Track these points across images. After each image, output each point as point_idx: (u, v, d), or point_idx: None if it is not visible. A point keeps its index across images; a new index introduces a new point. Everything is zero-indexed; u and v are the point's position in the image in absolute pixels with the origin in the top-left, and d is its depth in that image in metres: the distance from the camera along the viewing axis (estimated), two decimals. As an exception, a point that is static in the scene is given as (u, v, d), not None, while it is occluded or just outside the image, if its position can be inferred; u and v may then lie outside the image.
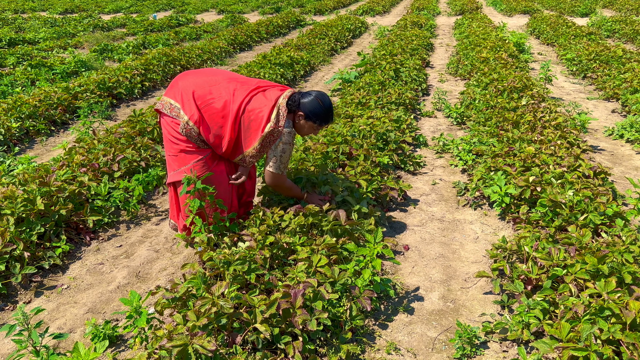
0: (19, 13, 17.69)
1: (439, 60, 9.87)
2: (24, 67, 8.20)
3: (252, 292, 2.53)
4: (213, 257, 2.65)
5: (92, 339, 2.45)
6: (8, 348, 2.55)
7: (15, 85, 7.21)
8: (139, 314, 2.31)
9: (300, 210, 3.14)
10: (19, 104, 5.77)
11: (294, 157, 4.05)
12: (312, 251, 2.83)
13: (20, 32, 12.77)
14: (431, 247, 3.45)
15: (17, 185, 3.67)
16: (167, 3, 20.16)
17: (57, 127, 5.91)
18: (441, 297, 2.92)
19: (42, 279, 3.12)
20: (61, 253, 3.29)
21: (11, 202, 3.31)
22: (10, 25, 13.92)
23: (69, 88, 6.57)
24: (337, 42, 11.33)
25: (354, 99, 5.99)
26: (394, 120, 5.19)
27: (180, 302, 2.47)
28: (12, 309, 2.87)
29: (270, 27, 13.14)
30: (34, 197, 3.38)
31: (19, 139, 5.39)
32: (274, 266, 2.89)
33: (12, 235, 3.10)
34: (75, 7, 18.61)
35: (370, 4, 18.98)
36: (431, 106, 6.74)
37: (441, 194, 4.24)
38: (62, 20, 14.74)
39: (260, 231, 2.92)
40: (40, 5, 19.36)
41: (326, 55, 10.19)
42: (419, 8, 17.34)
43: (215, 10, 18.76)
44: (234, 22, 14.55)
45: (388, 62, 7.67)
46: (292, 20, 14.82)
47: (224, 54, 10.11)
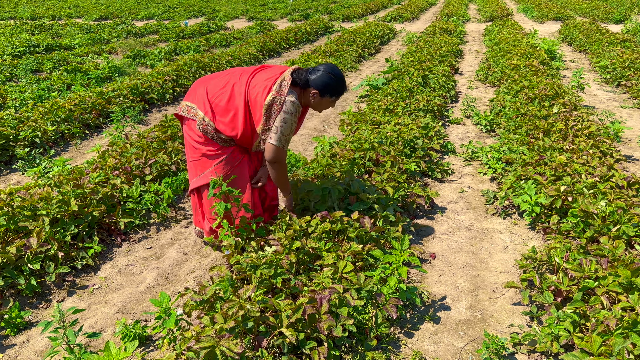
0: (56, 20, 18.27)
1: (468, 67, 9.78)
2: (60, 72, 8.47)
3: (278, 296, 2.54)
4: (240, 260, 2.68)
5: (122, 339, 2.51)
6: (42, 345, 2.63)
7: (51, 89, 7.45)
8: (168, 315, 2.36)
9: (327, 217, 3.15)
10: (55, 108, 5.95)
11: (321, 163, 4.07)
12: (338, 257, 2.84)
13: (57, 38, 13.19)
14: (459, 256, 3.41)
15: (53, 186, 3.79)
16: (198, 10, 20.53)
17: (91, 131, 6.07)
18: (468, 307, 2.88)
19: (75, 278, 3.21)
20: (93, 254, 3.38)
21: (47, 203, 3.41)
22: (48, 31, 14.38)
23: (103, 93, 6.75)
24: (365, 49, 11.35)
25: (381, 106, 5.98)
26: (422, 127, 5.17)
27: (208, 304, 2.50)
28: (46, 307, 2.95)
29: (299, 34, 13.24)
30: (69, 199, 3.48)
31: (55, 142, 5.56)
32: (300, 271, 2.90)
33: (47, 235, 3.20)
34: (110, 13, 19.12)
35: (398, 11, 18.95)
36: (460, 113, 6.69)
37: (469, 202, 4.20)
38: (96, 27, 15.16)
39: (286, 236, 2.95)
40: (76, 12, 19.95)
41: (354, 61, 10.21)
42: (448, 14, 17.23)
43: (245, 17, 19.01)
44: (263, 29, 14.72)
45: (416, 68, 7.64)
46: (320, 27, 14.90)
47: (253, 61, 10.23)
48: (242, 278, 2.77)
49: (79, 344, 2.25)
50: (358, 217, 3.18)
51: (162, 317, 2.37)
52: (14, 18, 18.64)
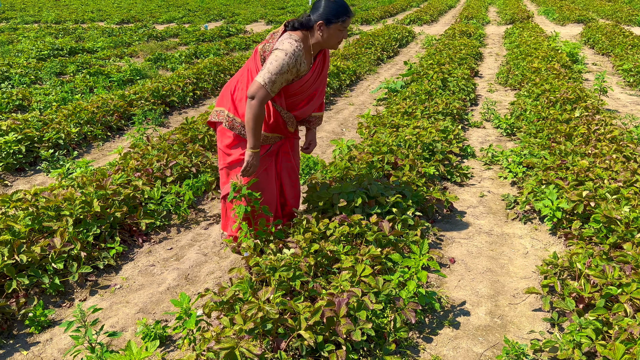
0: (79, 23, 18.61)
1: (488, 69, 9.70)
2: (83, 74, 8.62)
3: (296, 298, 2.56)
4: (259, 262, 2.70)
5: (143, 338, 2.55)
6: (65, 343, 2.68)
7: (75, 92, 7.59)
8: (188, 315, 2.39)
9: (345, 220, 3.16)
10: (78, 110, 6.07)
11: (339, 166, 4.08)
12: (356, 260, 2.84)
13: (80, 42, 13.43)
14: (478, 261, 3.39)
15: (76, 187, 3.86)
16: (217, 14, 20.73)
17: (113, 133, 6.17)
18: (488, 313, 2.86)
19: (97, 278, 3.26)
20: (115, 254, 3.43)
21: (70, 203, 3.48)
22: (71, 34, 14.66)
23: (125, 95, 6.85)
24: (384, 52, 11.33)
25: (399, 109, 5.97)
26: (441, 131, 5.14)
27: (228, 305, 2.53)
28: (69, 306, 3.01)
29: (317, 37, 13.26)
30: (91, 200, 3.54)
31: (78, 144, 5.67)
32: (318, 274, 2.91)
33: (71, 235, 3.26)
34: (131, 17, 19.41)
35: (417, 13, 18.88)
36: (480, 116, 6.63)
37: (489, 207, 4.16)
38: (118, 30, 15.40)
39: (305, 239, 2.96)
40: (98, 16, 20.29)
41: (372, 64, 10.20)
42: (467, 17, 17.12)
43: (264, 20, 19.13)
44: (282, 32, 14.76)
45: (435, 71, 7.60)
46: (339, 29, 14.90)
47: (272, 63, 10.27)
48: (261, 280, 2.79)
49: (100, 343, 2.29)
50: (376, 221, 3.18)
51: (183, 317, 2.40)
52: (38, 22, 19.04)
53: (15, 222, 3.23)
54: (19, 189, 4.32)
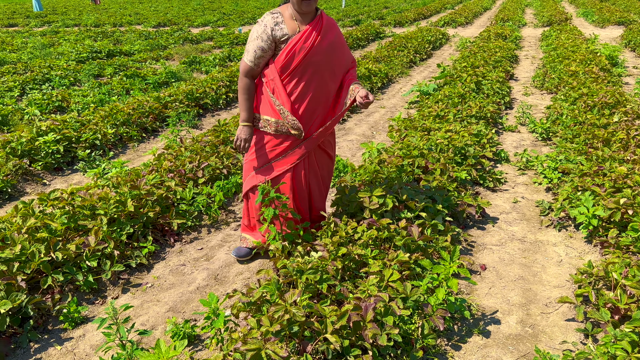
0: (117, 26, 19.12)
1: (523, 72, 9.50)
2: (120, 77, 8.85)
3: (323, 302, 2.55)
4: (287, 264, 2.71)
5: (172, 337, 2.59)
6: (97, 340, 2.74)
7: (112, 94, 7.80)
8: (217, 315, 2.41)
9: (374, 224, 3.14)
10: (115, 111, 6.23)
11: (368, 170, 4.06)
12: (384, 265, 2.82)
13: (118, 45, 13.79)
14: (510, 269, 3.31)
15: (111, 187, 3.96)
16: (251, 17, 20.97)
17: (148, 134, 6.31)
18: (519, 321, 2.79)
19: (129, 276, 3.33)
20: (147, 253, 3.51)
21: (105, 203, 3.57)
22: (110, 38, 15.07)
23: (160, 98, 7.00)
24: (416, 54, 11.23)
25: (431, 112, 5.90)
26: (474, 135, 5.06)
27: (255, 306, 2.54)
28: (102, 304, 3.09)
29: (349, 40, 13.26)
30: (125, 200, 3.63)
31: (114, 144, 5.82)
32: (345, 278, 2.90)
33: (105, 234, 3.34)
34: (167, 20, 19.82)
35: (452, 15, 18.65)
36: (514, 120, 6.50)
37: (523, 213, 4.07)
38: (155, 33, 15.75)
39: (332, 242, 2.95)
40: (136, 19, 20.80)
41: (404, 67, 10.12)
42: (503, 19, 16.80)
43: (297, 23, 19.21)
44: (314, 35, 14.82)
45: (469, 74, 7.49)
46: (371, 32, 14.88)
47: (304, 66, 10.32)
48: (288, 282, 2.80)
49: (131, 341, 2.34)
50: (406, 225, 3.15)
51: (211, 317, 2.43)
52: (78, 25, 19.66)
53: (52, 220, 3.34)
54: (56, 188, 4.46)
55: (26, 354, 2.65)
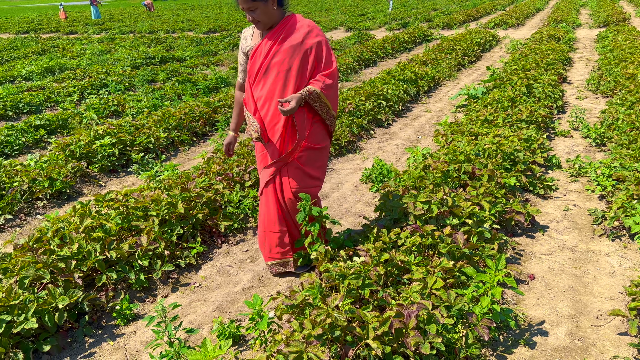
0: (170, 33, 19.78)
1: (577, 75, 9.15)
2: (172, 82, 9.15)
3: (365, 307, 2.56)
4: (329, 269, 2.74)
5: (218, 336, 2.67)
6: (147, 336, 2.86)
7: (164, 98, 8.08)
8: (261, 317, 2.46)
9: (417, 230, 3.12)
10: (167, 116, 6.45)
11: (412, 175, 4.03)
12: (428, 272, 2.80)
13: (171, 51, 14.26)
14: (560, 279, 3.21)
15: (163, 190, 4.11)
16: (298, 21, 21.18)
17: (198, 138, 6.50)
18: (568, 334, 2.70)
19: (179, 276, 3.45)
20: (196, 253, 3.62)
21: (157, 204, 3.71)
22: (163, 44, 15.61)
23: (210, 103, 7.20)
24: (465, 57, 11.04)
25: (479, 116, 5.79)
26: (524, 140, 4.93)
27: (298, 309, 2.58)
28: (152, 302, 3.21)
29: (396, 43, 13.19)
30: (176, 201, 3.76)
31: (166, 148, 6.03)
32: (388, 283, 2.89)
33: (156, 234, 3.48)
34: (218, 26, 20.33)
35: (502, 17, 18.20)
36: (567, 125, 6.28)
37: (574, 222, 3.93)
38: (205, 40, 16.19)
39: (375, 247, 2.95)
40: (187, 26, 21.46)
41: (452, 70, 9.97)
42: (556, 20, 16.25)
43: (344, 27, 19.29)
44: (361, 39, 14.84)
45: (520, 77, 7.30)
46: (418, 35, 14.74)
47: (349, 71, 10.36)
48: (331, 286, 2.82)
49: (178, 339, 2.43)
50: (450, 232, 3.11)
51: (255, 318, 2.49)
52: (133, 32, 20.47)
53: (107, 220, 3.50)
54: (111, 189, 4.67)
55: (81, 348, 2.80)
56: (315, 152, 2.97)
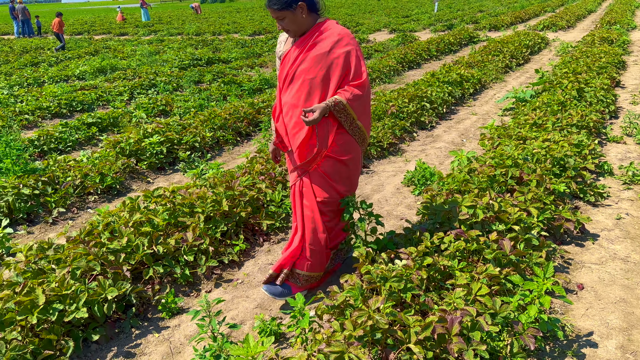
0: (216, 35, 20.19)
1: (631, 80, 8.78)
2: (218, 83, 9.34)
3: (407, 311, 2.53)
4: (370, 271, 2.73)
5: (259, 333, 2.70)
6: (191, 330, 2.92)
7: (210, 99, 8.25)
8: (302, 315, 2.48)
9: (462, 235, 3.06)
10: (213, 116, 6.59)
11: (457, 178, 3.97)
12: (472, 278, 2.74)
13: (216, 52, 14.56)
14: (611, 290, 3.08)
15: (208, 187, 4.19)
16: (342, 24, 21.23)
17: (242, 138, 6.60)
18: (619, 347, 2.59)
19: (222, 272, 3.51)
20: (238, 251, 3.67)
21: (202, 202, 3.79)
22: (209, 46, 15.95)
23: (254, 103, 7.30)
24: (512, 59, 10.77)
25: (528, 120, 5.64)
26: (574, 145, 4.76)
27: (338, 310, 2.58)
28: (196, 296, 3.28)
29: (441, 45, 13.01)
30: (221, 199, 3.83)
31: (211, 147, 6.15)
32: (430, 288, 2.86)
33: (201, 231, 3.55)
34: (262, 29, 20.60)
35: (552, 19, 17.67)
36: (620, 131, 6.03)
37: (627, 231, 3.77)
38: (250, 42, 16.45)
39: (417, 251, 2.92)
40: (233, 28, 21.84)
41: (499, 72, 9.75)
42: (609, 22, 15.63)
43: (387, 29, 19.19)
44: (405, 41, 14.73)
45: (570, 80, 7.06)
46: (464, 37, 14.49)
47: (393, 72, 10.29)
48: (372, 289, 2.81)
49: (221, 333, 2.47)
50: (496, 238, 3.04)
51: (297, 316, 2.50)
52: (181, 34, 21.01)
53: (155, 215, 3.61)
54: (159, 186, 4.80)
55: (128, 338, 2.89)
56: (338, 163, 2.85)
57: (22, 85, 10.37)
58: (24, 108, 7.77)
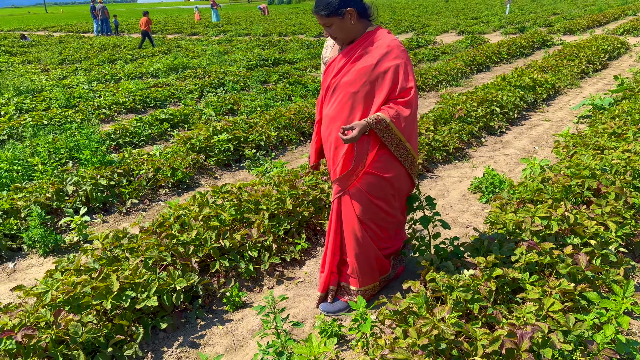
0: (282, 36, 20.51)
1: None
2: (284, 84, 9.48)
3: (473, 323, 2.46)
4: (436, 279, 2.67)
5: (320, 333, 2.71)
6: (253, 325, 2.98)
7: (275, 99, 8.39)
8: (364, 319, 2.46)
9: (534, 247, 2.93)
10: (278, 116, 6.69)
11: (529, 187, 3.81)
12: (544, 293, 2.62)
13: (282, 53, 14.79)
14: (698, 315, 2.85)
15: (273, 186, 4.26)
16: (408, 25, 20.98)
17: (305, 138, 6.66)
18: None
19: (284, 269, 3.56)
20: (300, 249, 3.71)
21: (267, 199, 3.86)
22: (275, 47, 16.24)
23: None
24: (589, 64, 10.23)
25: (606, 129, 5.33)
26: (658, 157, 4.44)
27: (401, 316, 2.54)
28: (259, 292, 3.34)
29: (512, 48, 12.56)
30: (285, 198, 3.88)
31: (275, 146, 6.25)
32: (498, 301, 2.76)
33: (265, 228, 3.61)
34: (328, 30, 20.70)
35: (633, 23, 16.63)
36: None
37: None
38: (315, 43, 16.58)
39: (486, 261, 2.83)
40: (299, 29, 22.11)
41: (574, 78, 9.28)
42: (702, 25, 14.51)
43: (456, 31, 18.77)
44: (474, 43, 14.34)
45: (655, 88, 6.61)
46: (537, 40, 13.92)
47: (460, 75, 10.05)
48: (436, 297, 2.75)
49: (285, 330, 2.50)
50: (571, 252, 2.89)
51: (358, 320, 2.49)
52: (249, 34, 21.51)
53: (223, 211, 3.70)
54: (226, 182, 4.94)
55: (193, 329, 2.98)
56: (380, 180, 2.65)
57: (100, 81, 10.99)
58: (101, 103, 8.22)
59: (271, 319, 2.47)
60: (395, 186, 2.72)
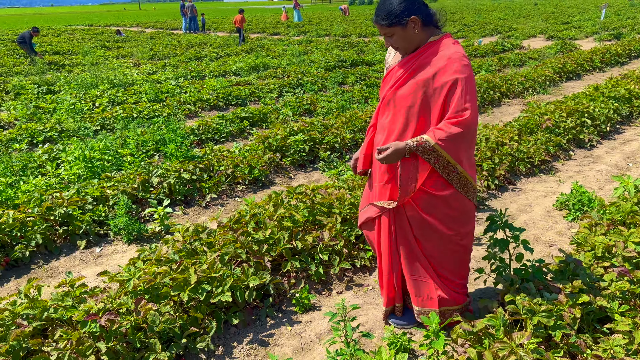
0: (361, 37, 20.48)
1: None
2: (361, 86, 9.45)
3: (554, 351, 2.31)
4: (516, 301, 2.53)
5: (389, 345, 2.65)
6: (321, 329, 2.98)
7: (352, 101, 8.38)
8: (437, 336, 2.39)
9: (626, 274, 2.72)
10: (354, 118, 6.67)
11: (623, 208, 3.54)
12: (635, 325, 2.42)
13: (361, 55, 14.74)
14: None
15: (346, 189, 4.25)
16: (493, 29, 20.23)
17: (381, 142, 6.59)
18: None
19: (353, 275, 3.53)
20: (370, 256, 3.66)
21: (340, 203, 3.85)
22: (354, 48, 16.22)
23: (396, 107, 7.24)
24: (697, 76, 9.34)
25: None
26: None
27: (476, 337, 2.44)
28: (327, 295, 3.34)
29: (607, 56, 11.76)
30: (358, 203, 3.85)
31: (349, 149, 6.23)
32: (583, 329, 2.58)
33: (337, 231, 3.61)
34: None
35: None
36: None
37: None
38: (395, 44, 16.36)
39: (573, 286, 2.65)
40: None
41: (678, 90, 8.51)
42: None
43: (544, 36, 17.86)
44: (564, 49, 13.58)
45: None
46: (635, 48, 12.94)
47: (548, 83, 9.54)
48: (514, 320, 2.61)
49: (354, 340, 2.48)
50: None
51: (430, 336, 2.41)
52: (329, 35, 21.66)
53: (296, 212, 3.74)
54: (299, 182, 4.99)
55: (263, 327, 3.03)
56: (435, 198, 2.44)
57: (186, 77, 11.50)
58: (187, 99, 8.60)
59: (341, 327, 2.45)
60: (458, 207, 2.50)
